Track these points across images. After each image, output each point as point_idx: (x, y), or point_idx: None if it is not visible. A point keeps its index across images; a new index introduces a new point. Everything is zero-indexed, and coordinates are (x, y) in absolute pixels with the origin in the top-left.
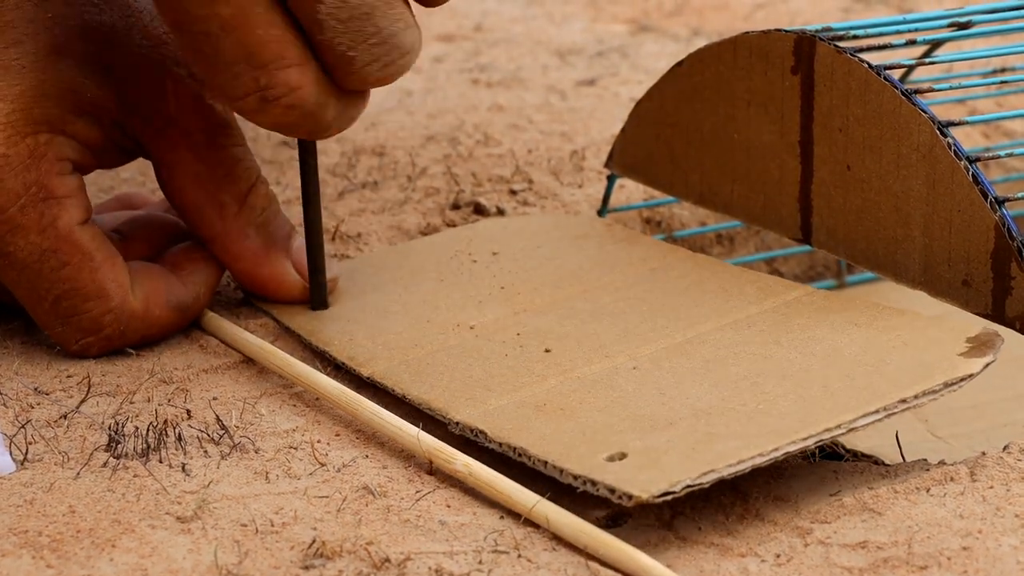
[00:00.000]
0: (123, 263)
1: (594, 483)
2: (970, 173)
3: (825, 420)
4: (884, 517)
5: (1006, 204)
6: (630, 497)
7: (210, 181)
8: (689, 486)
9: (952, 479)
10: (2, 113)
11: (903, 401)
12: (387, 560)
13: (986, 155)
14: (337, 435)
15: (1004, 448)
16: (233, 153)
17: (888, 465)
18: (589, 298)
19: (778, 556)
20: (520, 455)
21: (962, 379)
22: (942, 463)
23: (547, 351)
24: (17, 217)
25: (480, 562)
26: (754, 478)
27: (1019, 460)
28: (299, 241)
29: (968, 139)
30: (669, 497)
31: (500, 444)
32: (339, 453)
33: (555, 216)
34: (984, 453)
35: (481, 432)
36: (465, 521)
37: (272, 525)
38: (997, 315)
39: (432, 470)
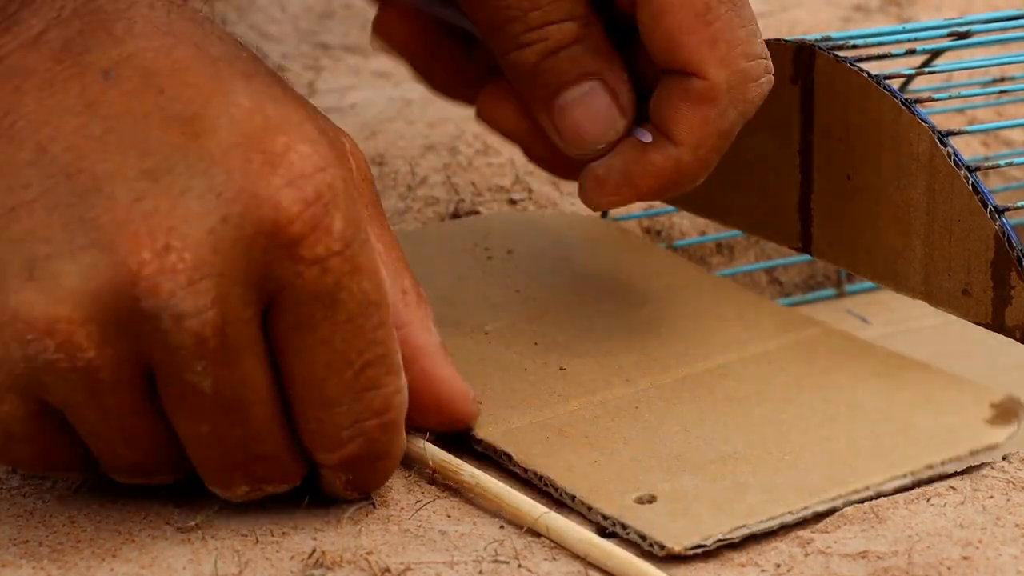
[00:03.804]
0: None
1: (624, 527)
2: (970, 182)
3: (853, 481)
4: (884, 527)
5: (1006, 213)
6: (662, 547)
7: (388, 263)
8: (720, 540)
9: (952, 488)
10: (307, 129)
11: (930, 467)
12: (387, 570)
13: (986, 164)
14: None
15: (1004, 458)
16: (395, 240)
17: None
18: (606, 312)
19: (778, 566)
20: (547, 484)
21: (988, 448)
22: (943, 472)
23: (562, 369)
24: (359, 255)
25: (480, 572)
26: None
27: (1020, 470)
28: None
29: (968, 148)
30: (701, 550)
31: (526, 470)
32: None
33: (569, 215)
34: (985, 463)
35: (506, 454)
36: (465, 531)
37: (272, 535)
38: (997, 324)
39: (432, 480)
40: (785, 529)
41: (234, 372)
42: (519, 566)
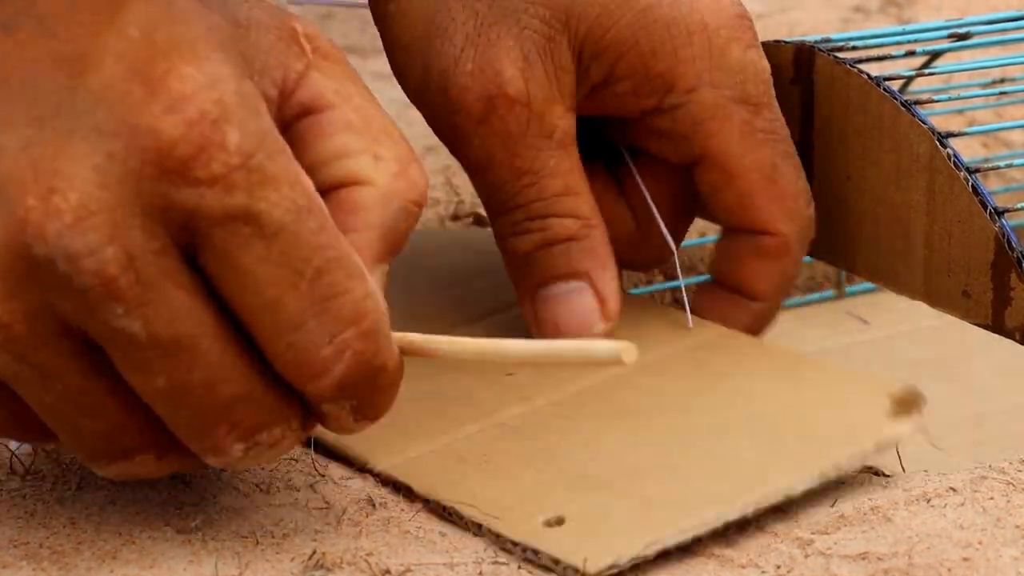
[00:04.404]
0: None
1: (536, 552)
2: (970, 184)
3: (762, 487)
4: (884, 528)
5: (1006, 215)
6: (576, 570)
7: (365, 132)
8: (634, 558)
9: (953, 490)
10: (208, 47)
11: (836, 466)
12: (387, 572)
13: (985, 165)
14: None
15: (1004, 459)
16: (382, 112)
17: (888, 476)
18: (486, 328)
19: (778, 567)
20: (451, 514)
21: (890, 441)
22: (942, 474)
23: (455, 391)
24: (266, 164)
25: (480, 573)
26: None
27: (1019, 471)
28: (392, 262)
29: (967, 149)
30: (615, 570)
31: (428, 500)
32: (339, 464)
33: (434, 232)
34: (985, 464)
35: (405, 486)
36: (466, 532)
37: (272, 536)
38: (997, 326)
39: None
40: (781, 525)
41: (162, 310)
42: (519, 568)
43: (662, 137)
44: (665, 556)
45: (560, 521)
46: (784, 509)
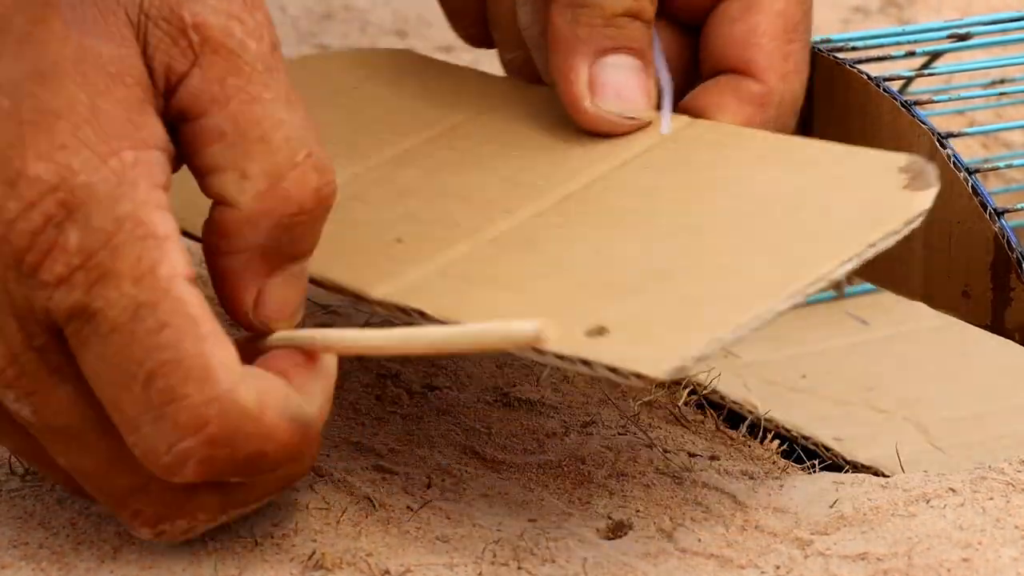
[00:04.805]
0: (231, 344)
1: (587, 363)
2: (969, 184)
3: (803, 273)
4: (884, 528)
5: (1005, 215)
6: (639, 376)
7: (237, 143)
8: (700, 358)
9: (952, 490)
10: (70, 126)
11: (872, 245)
12: (387, 572)
13: (985, 166)
14: (336, 446)
15: (1004, 459)
16: (271, 111)
17: (888, 476)
18: (443, 144)
19: (778, 567)
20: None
21: (919, 215)
22: (942, 474)
23: (428, 212)
24: (107, 262)
25: (480, 574)
26: (754, 489)
27: (1019, 471)
28: (296, 269)
29: (967, 150)
30: (681, 374)
31: (445, 322)
32: (339, 465)
33: (358, 52)
34: (984, 464)
35: (417, 311)
36: (465, 533)
37: (272, 537)
38: (997, 326)
39: (431, 483)
40: (781, 525)
41: (50, 399)
42: (518, 568)
43: None
44: (666, 556)
45: (602, 330)
46: (784, 509)
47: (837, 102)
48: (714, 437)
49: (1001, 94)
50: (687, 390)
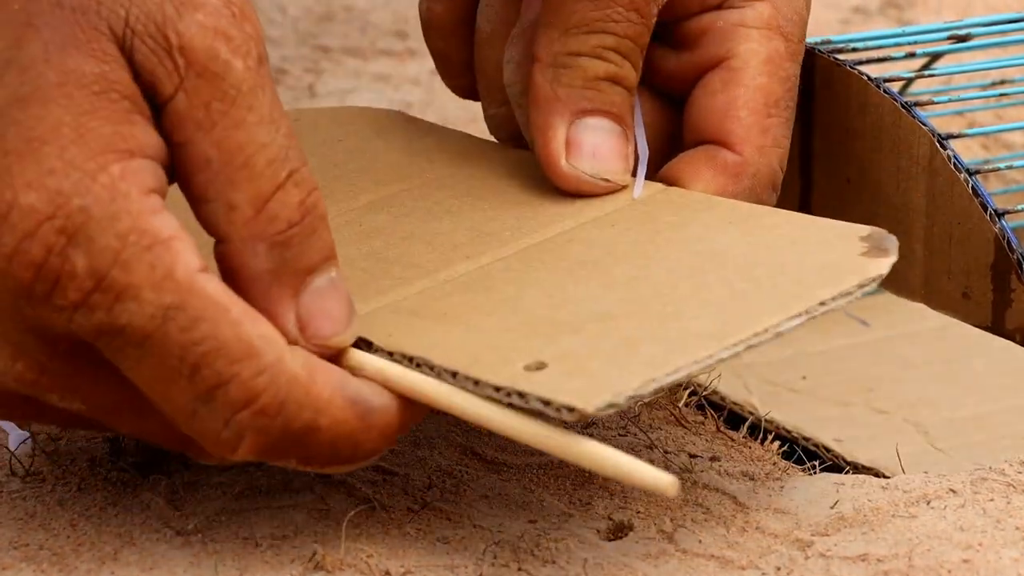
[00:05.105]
0: (266, 319)
1: (522, 395)
2: (970, 185)
3: (749, 324)
4: (884, 530)
5: (1006, 216)
6: (571, 409)
7: (221, 171)
8: (633, 396)
9: (953, 491)
10: (56, 150)
11: (822, 304)
12: (387, 573)
13: (986, 167)
14: None
15: (1005, 460)
16: (255, 135)
17: (888, 477)
18: (419, 195)
19: (778, 569)
20: (419, 365)
21: (873, 279)
22: (943, 475)
23: (391, 253)
24: (122, 278)
25: (480, 575)
26: (755, 490)
27: (1020, 472)
28: (322, 282)
29: (967, 151)
30: (612, 410)
31: (391, 353)
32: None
33: (349, 109)
34: (985, 465)
35: (364, 340)
36: (465, 534)
37: (272, 538)
38: (997, 327)
39: (431, 485)
40: (782, 526)
41: (94, 390)
42: (519, 569)
43: (691, 42)
44: (667, 556)
45: (541, 365)
46: (784, 510)
47: (837, 103)
48: (715, 438)
49: (1001, 95)
50: (688, 391)
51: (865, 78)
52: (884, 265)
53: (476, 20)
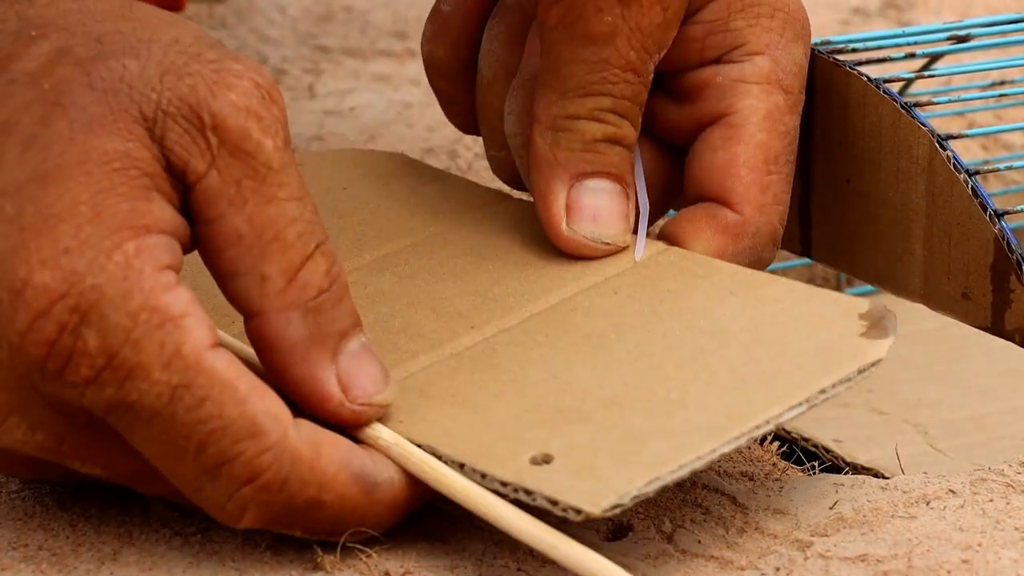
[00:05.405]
0: (276, 395)
1: (529, 492)
2: (969, 186)
3: (751, 416)
4: (884, 530)
5: (1005, 217)
6: (578, 511)
7: (254, 245)
8: (637, 496)
9: (952, 492)
10: (72, 228)
11: (823, 392)
12: (387, 573)
13: (985, 168)
14: None
15: (1004, 461)
16: (285, 210)
17: (887, 478)
18: (422, 253)
19: (778, 569)
20: (427, 452)
21: (872, 364)
22: (942, 476)
23: (397, 322)
24: (132, 357)
25: (480, 575)
26: (754, 491)
27: (1019, 473)
28: (355, 345)
29: (967, 152)
30: (618, 510)
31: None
32: None
33: (353, 152)
34: (984, 466)
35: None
36: (464, 534)
37: (272, 539)
38: (997, 328)
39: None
40: (781, 527)
41: (112, 457)
42: (518, 569)
43: (691, 95)
44: (666, 557)
45: (547, 459)
46: (784, 511)
47: (837, 104)
48: None
49: (1001, 96)
50: None
51: (865, 79)
52: (883, 348)
53: (478, 64)
